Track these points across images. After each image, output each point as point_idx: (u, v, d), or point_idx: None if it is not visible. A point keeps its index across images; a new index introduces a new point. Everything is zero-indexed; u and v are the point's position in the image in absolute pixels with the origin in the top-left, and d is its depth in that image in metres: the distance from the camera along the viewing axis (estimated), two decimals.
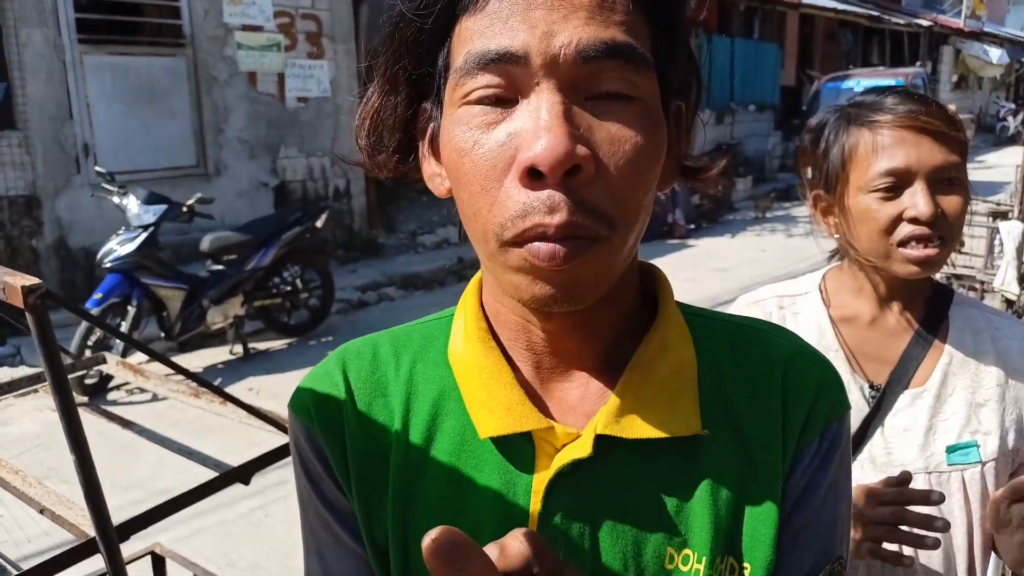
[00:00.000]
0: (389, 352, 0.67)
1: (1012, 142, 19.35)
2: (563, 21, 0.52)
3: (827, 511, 0.64)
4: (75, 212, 6.44)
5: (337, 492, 0.65)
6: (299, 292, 5.85)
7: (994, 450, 1.08)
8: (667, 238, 9.58)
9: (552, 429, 0.60)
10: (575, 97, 0.53)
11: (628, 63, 0.53)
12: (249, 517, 3.42)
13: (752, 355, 0.65)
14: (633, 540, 0.60)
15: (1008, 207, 4.58)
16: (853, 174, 1.08)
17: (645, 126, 0.55)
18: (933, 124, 1.03)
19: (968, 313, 1.14)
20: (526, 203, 0.52)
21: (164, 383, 1.76)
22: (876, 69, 15.23)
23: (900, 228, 1.05)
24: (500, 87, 0.53)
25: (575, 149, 0.50)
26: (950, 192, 1.05)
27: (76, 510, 1.26)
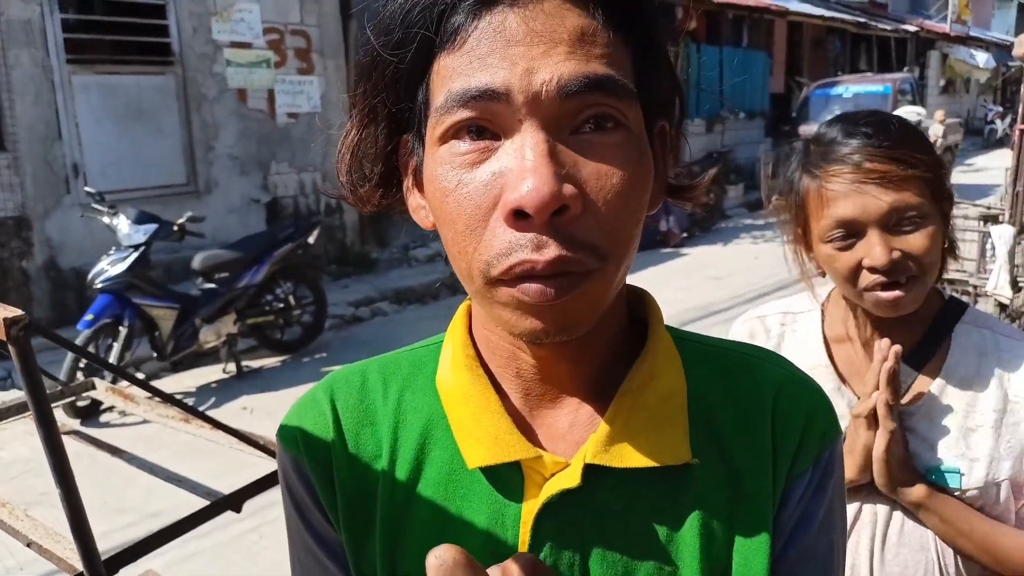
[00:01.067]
0: (378, 380, 0.67)
1: (1000, 144, 19.46)
2: (543, 57, 0.51)
3: (823, 540, 0.63)
4: (65, 233, 6.40)
5: (324, 523, 0.64)
6: (292, 309, 5.82)
7: (979, 479, 1.03)
8: (661, 247, 9.58)
9: (541, 458, 0.60)
10: (559, 133, 0.52)
11: (611, 95, 0.52)
12: (243, 540, 3.38)
13: (742, 382, 0.64)
14: (623, 570, 0.59)
15: (999, 211, 4.60)
16: (811, 222, 1.08)
17: (631, 157, 0.54)
18: (877, 170, 1.00)
19: (976, 334, 1.10)
20: (512, 241, 0.51)
21: (154, 408, 1.74)
22: (864, 75, 15.32)
23: (861, 276, 1.04)
24: (482, 123, 0.52)
25: (561, 189, 0.50)
26: (911, 231, 1.02)
27: (64, 543, 1.24)
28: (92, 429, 4.58)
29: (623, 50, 0.54)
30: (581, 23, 0.52)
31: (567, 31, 0.51)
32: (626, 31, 0.54)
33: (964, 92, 24.36)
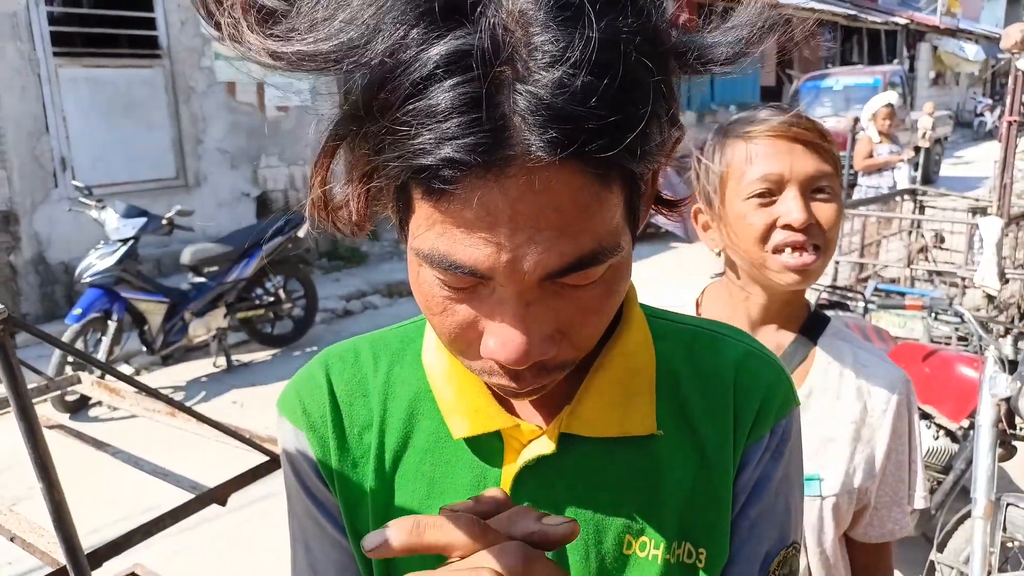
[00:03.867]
0: (369, 355, 0.71)
1: (990, 137, 19.55)
2: (528, 243, 0.47)
3: (780, 500, 0.68)
4: (53, 227, 6.37)
5: (322, 487, 0.69)
6: (282, 302, 5.81)
7: (836, 486, 1.08)
8: (651, 240, 9.59)
9: (519, 427, 0.65)
10: (540, 287, 0.50)
11: (600, 263, 0.50)
12: (235, 532, 3.38)
13: (707, 356, 0.69)
14: (594, 528, 0.64)
15: (987, 203, 4.62)
16: (730, 183, 1.10)
17: (616, 279, 0.53)
18: (805, 135, 1.05)
19: (837, 346, 1.14)
20: (491, 366, 0.54)
21: (140, 402, 1.73)
22: (854, 67, 15.34)
23: (775, 235, 1.06)
24: (462, 281, 0.51)
25: (538, 351, 0.51)
26: (824, 201, 1.06)
27: (47, 537, 1.23)
28: (81, 424, 4.57)
29: (618, 187, 0.49)
30: (572, 197, 0.47)
31: (556, 212, 0.47)
32: (620, 169, 0.48)
33: (954, 84, 24.43)
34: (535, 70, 0.44)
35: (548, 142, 0.44)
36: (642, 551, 0.64)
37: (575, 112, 0.44)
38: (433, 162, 0.45)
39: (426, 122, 0.44)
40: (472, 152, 0.44)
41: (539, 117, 0.44)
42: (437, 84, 0.44)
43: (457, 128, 0.44)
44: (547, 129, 0.44)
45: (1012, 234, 4.28)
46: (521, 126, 0.44)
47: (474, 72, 0.44)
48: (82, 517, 3.34)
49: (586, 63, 0.44)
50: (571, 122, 0.44)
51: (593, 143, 0.45)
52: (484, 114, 0.44)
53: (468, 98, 0.44)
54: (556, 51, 0.44)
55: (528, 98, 0.44)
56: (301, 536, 0.71)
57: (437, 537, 0.47)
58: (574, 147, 0.44)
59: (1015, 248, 4.32)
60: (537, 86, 0.44)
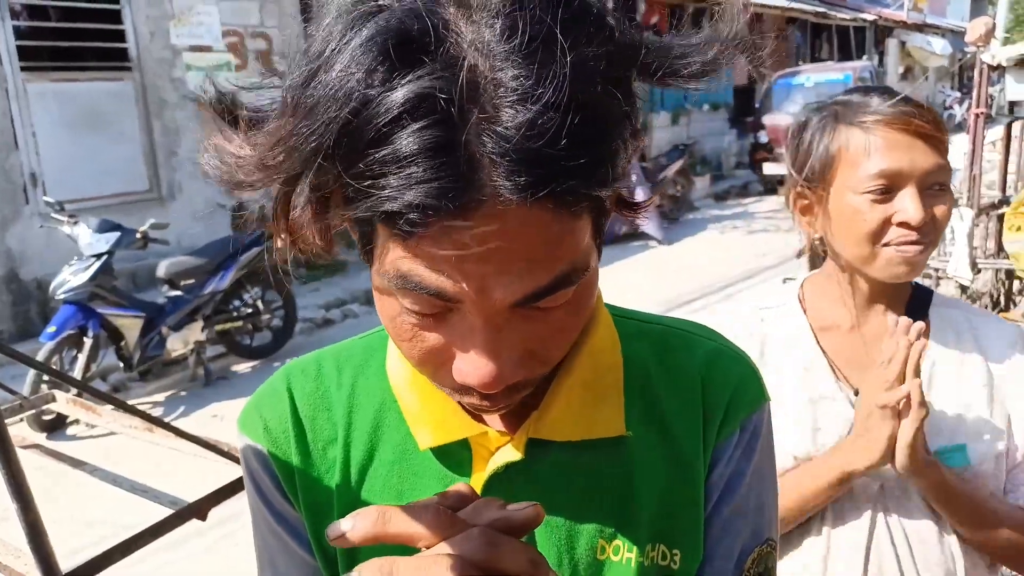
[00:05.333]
0: (332, 368, 0.69)
1: (959, 129, 19.80)
2: (496, 275, 0.47)
3: (753, 497, 0.67)
4: (25, 243, 6.28)
5: (286, 504, 0.67)
6: (260, 314, 5.76)
7: (984, 452, 1.05)
8: (629, 240, 9.63)
9: (486, 434, 0.64)
10: (510, 313, 0.50)
11: (568, 286, 0.50)
12: (217, 548, 3.35)
13: (677, 355, 0.68)
14: (566, 535, 0.64)
15: (958, 194, 4.69)
16: (841, 174, 1.05)
17: (585, 296, 0.54)
18: (925, 128, 1.01)
19: (948, 314, 1.13)
20: (462, 387, 0.54)
21: (117, 419, 1.71)
22: (824, 64, 15.50)
23: (889, 232, 1.03)
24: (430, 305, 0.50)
25: (510, 375, 0.51)
26: (939, 196, 1.03)
27: (24, 558, 1.21)
28: (59, 443, 4.50)
29: (587, 214, 0.49)
30: (543, 232, 0.46)
31: (526, 246, 0.46)
32: (587, 196, 0.47)
33: (923, 79, 24.77)
34: (502, 109, 0.43)
35: (518, 185, 0.43)
36: (616, 555, 0.64)
37: (545, 154, 0.43)
38: (400, 208, 0.43)
39: (391, 167, 0.43)
40: (440, 197, 0.43)
41: (508, 160, 0.43)
42: (402, 129, 0.42)
43: (424, 173, 0.42)
44: (517, 172, 0.43)
45: (983, 225, 4.34)
46: (490, 169, 0.43)
47: (439, 115, 0.42)
48: (61, 538, 3.29)
49: (554, 101, 0.43)
50: (541, 165, 0.43)
51: (564, 183, 0.44)
52: (452, 158, 0.43)
53: (434, 142, 0.42)
54: (525, 88, 0.43)
55: (497, 140, 0.43)
56: (266, 554, 0.70)
57: (401, 526, 0.47)
58: (545, 188, 0.43)
59: (986, 238, 4.38)
60: (506, 127, 0.43)
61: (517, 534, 0.48)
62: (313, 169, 0.45)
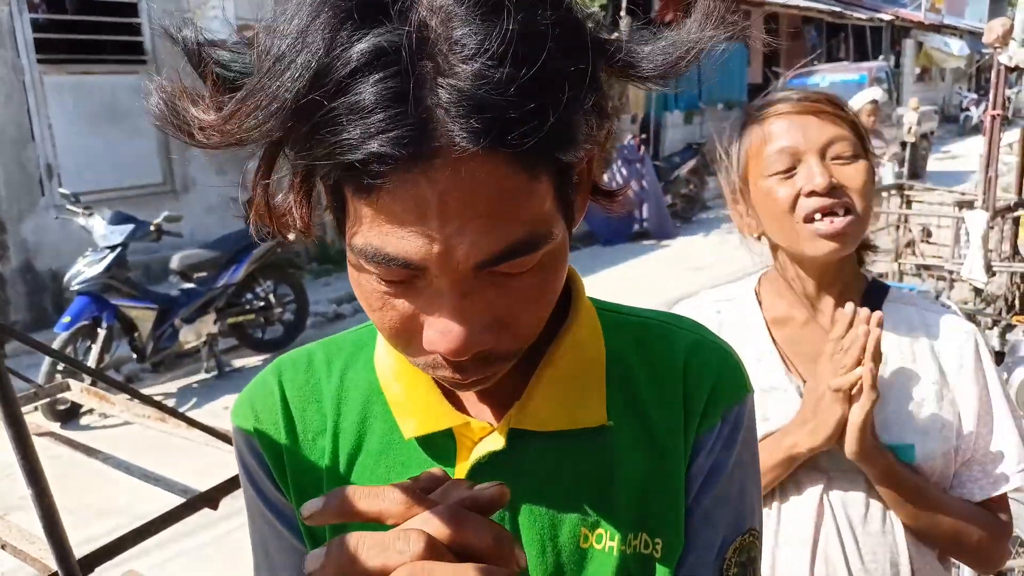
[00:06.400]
0: (322, 360, 0.71)
1: (976, 131, 19.65)
2: (458, 233, 0.48)
3: (735, 487, 0.68)
4: (41, 235, 6.33)
5: (277, 493, 0.69)
6: (272, 307, 5.80)
7: (932, 450, 1.07)
8: (641, 239, 9.61)
9: (469, 424, 0.65)
10: (475, 277, 0.51)
11: (532, 250, 0.51)
12: (228, 538, 3.37)
13: (657, 347, 0.70)
14: (549, 523, 0.65)
15: (973, 196, 4.65)
16: (752, 165, 1.12)
17: (552, 267, 0.55)
18: (814, 106, 1.08)
19: (903, 310, 1.15)
20: (435, 359, 0.55)
21: (130, 408, 1.73)
22: (840, 64, 15.40)
23: (801, 204, 1.07)
24: (398, 274, 0.51)
25: (478, 340, 0.52)
26: (845, 163, 1.07)
27: (39, 544, 1.23)
28: (73, 432, 4.54)
29: (547, 176, 0.50)
30: (499, 186, 0.48)
31: (484, 201, 0.48)
32: (546, 157, 0.49)
33: (940, 80, 24.57)
34: (455, 63, 0.46)
35: (471, 132, 0.45)
36: (599, 543, 0.65)
37: (496, 102, 0.45)
38: (360, 156, 0.46)
39: (352, 118, 0.45)
40: (397, 145, 0.45)
41: (461, 108, 0.45)
42: (361, 81, 0.45)
43: (382, 123, 0.45)
44: (469, 120, 0.45)
45: (998, 227, 4.30)
46: (444, 118, 0.46)
47: (396, 67, 0.45)
48: (75, 526, 3.33)
49: (504, 55, 0.45)
50: (492, 112, 0.45)
51: (515, 132, 0.46)
52: (408, 108, 0.45)
53: (391, 93, 0.45)
54: (475, 44, 0.46)
55: (450, 90, 0.45)
56: (260, 542, 0.71)
57: (371, 504, 0.48)
58: (497, 136, 0.46)
59: (1001, 241, 4.34)
60: (458, 79, 0.45)
61: (485, 513, 0.49)
62: (277, 127, 0.47)
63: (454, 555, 0.46)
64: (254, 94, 0.47)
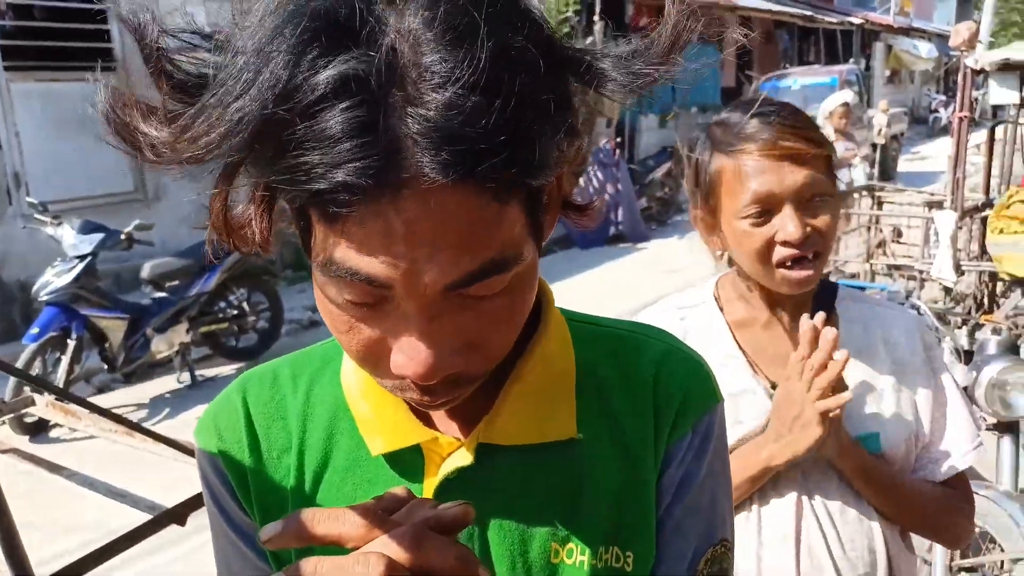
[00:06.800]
0: (288, 376, 0.70)
1: (945, 132, 19.96)
2: (427, 260, 0.47)
3: (706, 498, 0.68)
4: (8, 244, 6.22)
5: (241, 513, 0.68)
6: (247, 315, 5.74)
7: (895, 438, 1.12)
8: (617, 242, 9.65)
9: (437, 440, 0.64)
10: (444, 300, 0.50)
11: (501, 272, 0.50)
12: (197, 553, 3.32)
13: (628, 358, 0.69)
14: (519, 538, 0.64)
15: (942, 197, 4.71)
16: (724, 199, 1.12)
17: (521, 288, 0.53)
18: (792, 149, 1.06)
19: (855, 308, 1.19)
20: (403, 382, 0.54)
21: (96, 423, 1.70)
22: (811, 67, 15.58)
23: (775, 250, 1.08)
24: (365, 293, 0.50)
25: (446, 364, 0.51)
26: (819, 208, 1.08)
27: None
28: (42, 445, 4.46)
29: (517, 201, 0.49)
30: (469, 216, 0.46)
31: (453, 231, 0.47)
32: (518, 182, 0.48)
33: (909, 82, 24.94)
34: (425, 92, 0.44)
35: (441, 164, 0.44)
36: (569, 558, 0.64)
37: (467, 133, 0.44)
38: (326, 186, 0.44)
39: (318, 146, 0.44)
40: (364, 175, 0.44)
41: (431, 139, 0.44)
42: (328, 108, 0.43)
43: (349, 152, 0.43)
44: (439, 151, 0.44)
45: (966, 227, 4.37)
46: (413, 148, 0.44)
47: (364, 96, 0.43)
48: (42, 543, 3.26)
49: (476, 83, 0.44)
50: (463, 143, 0.44)
51: (486, 163, 0.44)
52: (375, 137, 0.43)
53: (359, 122, 0.43)
54: (445, 72, 0.44)
55: (419, 120, 0.44)
56: (224, 562, 0.70)
57: (330, 527, 0.47)
58: (467, 168, 0.44)
59: (970, 241, 4.41)
60: (428, 108, 0.44)
61: (448, 533, 0.48)
62: (235, 149, 0.45)
63: None
64: (209, 111, 0.45)
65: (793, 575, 1.10)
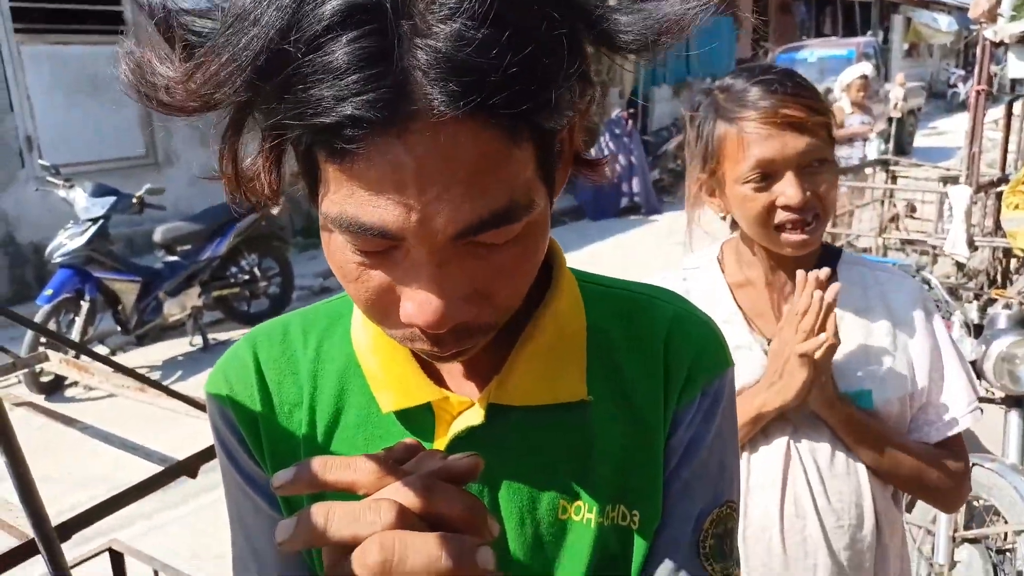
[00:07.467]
0: (298, 332, 0.70)
1: (963, 108, 19.68)
2: (437, 201, 0.46)
3: (713, 460, 0.68)
4: (21, 207, 6.26)
5: (253, 465, 0.68)
6: (257, 280, 5.77)
7: (889, 396, 1.15)
8: (629, 214, 9.61)
9: (447, 399, 0.64)
10: (454, 248, 0.50)
11: (512, 221, 0.49)
12: (212, 508, 3.38)
13: (639, 320, 0.69)
14: (528, 496, 0.65)
15: (958, 172, 4.67)
16: (726, 166, 1.15)
17: (533, 238, 0.53)
18: (794, 117, 1.09)
19: (856, 270, 1.22)
20: (413, 332, 0.54)
21: (109, 379, 1.72)
22: (828, 39, 15.36)
23: (776, 214, 1.12)
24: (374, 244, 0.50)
25: (456, 313, 0.51)
26: (819, 174, 1.12)
27: (15, 511, 1.23)
28: (56, 404, 4.53)
29: (528, 143, 0.49)
30: (479, 151, 0.46)
31: (463, 167, 0.46)
32: (528, 124, 0.48)
33: (928, 56, 24.54)
34: (434, 23, 0.43)
35: (450, 95, 0.43)
36: (577, 515, 0.65)
37: (475, 64, 0.43)
38: (334, 120, 0.44)
39: (324, 79, 0.43)
40: (373, 108, 0.43)
41: (439, 70, 0.43)
42: (334, 40, 0.43)
43: (356, 84, 0.43)
44: (448, 82, 0.43)
45: (981, 203, 4.33)
46: (422, 80, 0.43)
47: (372, 26, 0.43)
48: (60, 496, 3.31)
49: (485, 15, 0.43)
50: (472, 74, 0.43)
51: (495, 96, 0.44)
52: (383, 69, 0.43)
53: (366, 53, 0.43)
54: (453, 3, 0.43)
55: (428, 52, 0.43)
56: (237, 514, 0.71)
57: (342, 474, 0.47)
58: (476, 100, 0.43)
59: (984, 216, 4.37)
60: (436, 39, 0.43)
61: (459, 484, 0.49)
62: (245, 89, 0.45)
63: (426, 525, 0.46)
64: (219, 49, 0.45)
65: (776, 521, 1.14)
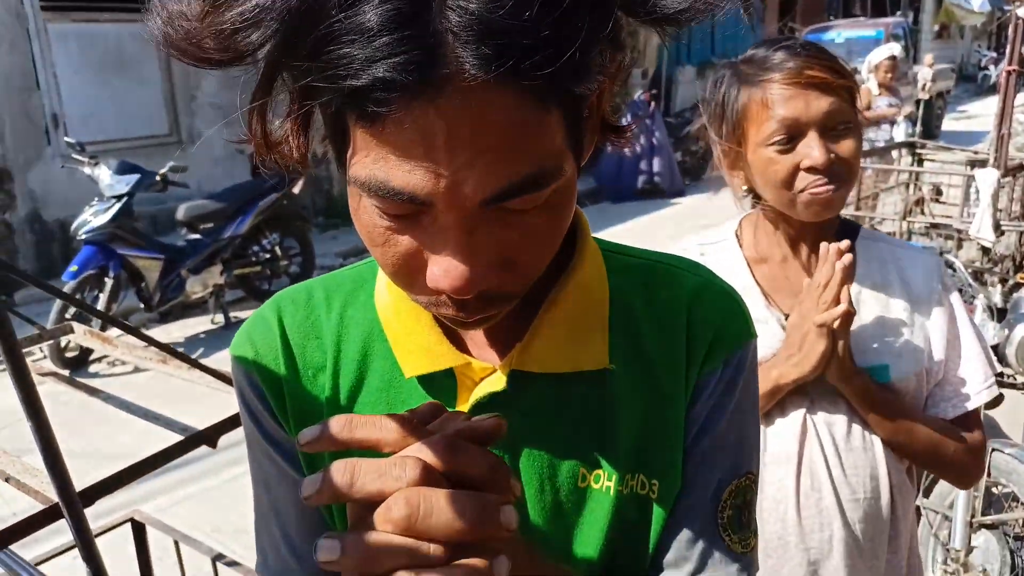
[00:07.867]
0: (322, 296, 0.70)
1: (993, 91, 19.31)
2: (467, 168, 0.46)
3: (733, 431, 0.68)
4: (47, 184, 6.34)
5: (277, 428, 0.68)
6: (279, 259, 5.82)
7: (906, 371, 1.15)
8: (650, 196, 9.55)
9: (470, 365, 0.65)
10: (482, 213, 0.49)
11: (542, 187, 0.49)
12: (234, 482, 3.43)
13: (662, 290, 0.69)
14: (549, 463, 0.65)
15: (985, 155, 4.58)
16: (750, 131, 1.15)
17: (560, 205, 0.53)
18: (817, 77, 1.09)
19: (874, 246, 1.23)
20: (438, 297, 0.54)
21: (132, 350, 1.74)
22: (857, 19, 15.11)
23: (799, 177, 1.11)
24: (402, 208, 0.50)
25: (482, 279, 0.51)
26: (843, 137, 1.11)
27: (41, 477, 1.26)
28: (81, 379, 4.61)
29: (558, 108, 0.48)
30: (509, 117, 0.46)
31: (494, 133, 0.46)
32: (559, 89, 0.47)
33: (959, 37, 24.06)
34: None
35: (482, 59, 0.43)
36: (596, 483, 0.65)
37: (509, 27, 0.43)
38: (365, 82, 0.43)
39: (355, 40, 0.43)
40: (404, 71, 0.42)
41: (472, 33, 0.43)
42: (366, 1, 0.42)
43: (388, 46, 0.42)
44: (480, 46, 0.43)
45: (1008, 186, 4.25)
46: (454, 43, 0.43)
47: None
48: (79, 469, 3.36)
49: None
50: (505, 38, 0.43)
51: (528, 60, 0.43)
52: (415, 31, 0.42)
53: (399, 15, 0.42)
54: None
55: (460, 14, 0.43)
56: (261, 477, 0.71)
57: (368, 432, 0.48)
58: (509, 64, 0.43)
59: (1011, 201, 4.30)
60: (469, 1, 0.43)
61: (482, 444, 0.50)
62: (275, 34, 0.44)
63: (449, 484, 0.46)
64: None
65: (792, 493, 1.15)
